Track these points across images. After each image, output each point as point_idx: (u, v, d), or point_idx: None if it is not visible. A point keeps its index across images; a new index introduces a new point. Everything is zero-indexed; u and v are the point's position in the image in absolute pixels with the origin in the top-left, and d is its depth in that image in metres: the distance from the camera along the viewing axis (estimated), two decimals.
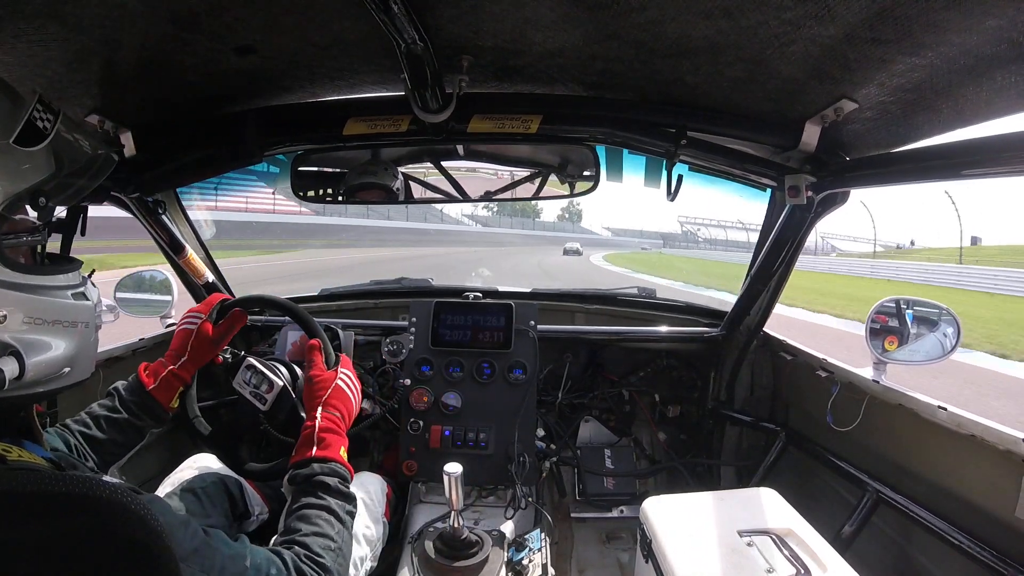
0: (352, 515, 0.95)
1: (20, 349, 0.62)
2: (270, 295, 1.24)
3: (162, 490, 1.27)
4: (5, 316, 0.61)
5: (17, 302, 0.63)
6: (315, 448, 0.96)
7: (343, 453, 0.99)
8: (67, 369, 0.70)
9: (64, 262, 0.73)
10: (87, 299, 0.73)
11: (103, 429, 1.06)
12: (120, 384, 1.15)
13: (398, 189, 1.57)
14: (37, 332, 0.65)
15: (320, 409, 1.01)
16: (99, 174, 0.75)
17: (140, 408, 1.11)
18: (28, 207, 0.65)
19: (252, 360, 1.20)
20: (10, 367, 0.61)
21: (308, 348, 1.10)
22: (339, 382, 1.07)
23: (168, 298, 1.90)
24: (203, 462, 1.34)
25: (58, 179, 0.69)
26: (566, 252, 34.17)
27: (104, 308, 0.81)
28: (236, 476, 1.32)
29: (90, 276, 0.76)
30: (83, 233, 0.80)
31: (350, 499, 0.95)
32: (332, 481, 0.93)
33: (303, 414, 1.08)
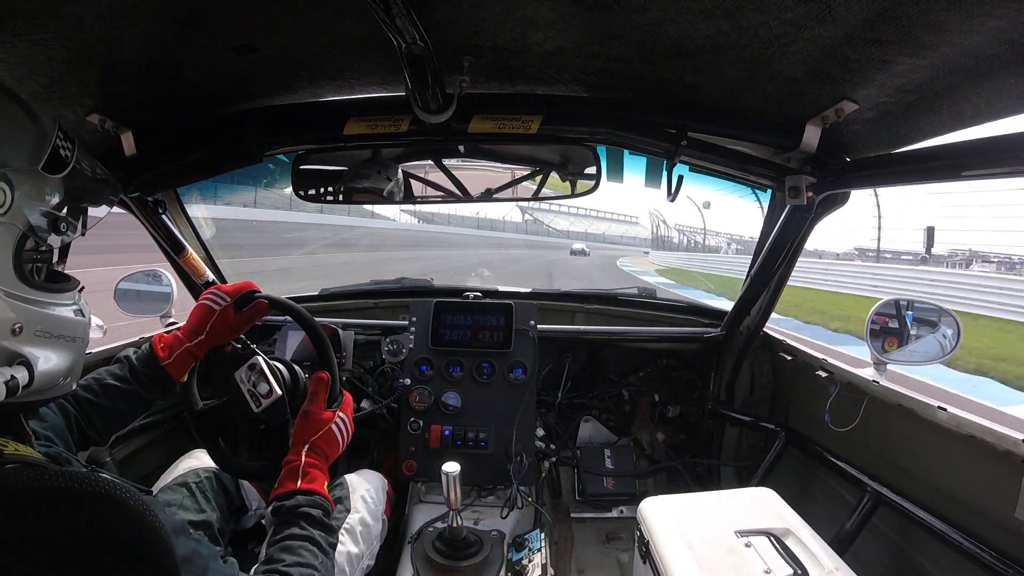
0: (334, 547, 0.96)
1: (30, 359, 0.66)
2: (301, 309, 1.22)
3: (159, 485, 1.26)
4: (21, 328, 0.65)
5: (30, 316, 0.67)
6: (300, 481, 0.97)
7: (325, 488, 1.00)
8: (64, 380, 0.74)
9: (65, 280, 0.76)
10: (83, 316, 0.77)
11: (111, 399, 1.06)
12: (131, 353, 1.14)
13: (395, 190, 1.57)
14: (44, 344, 0.69)
15: (306, 447, 1.02)
16: (108, 201, 0.81)
17: (151, 381, 1.11)
18: (51, 231, 0.70)
19: (260, 359, 1.20)
20: (22, 375, 0.64)
21: (315, 379, 1.09)
22: (333, 427, 1.06)
23: (168, 290, 1.90)
24: (198, 458, 1.34)
25: (72, 204, 0.74)
26: (573, 253, 34.47)
27: (93, 325, 0.85)
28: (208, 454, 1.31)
29: (80, 292, 0.79)
30: (83, 233, 0.81)
31: (332, 531, 0.96)
32: (316, 513, 0.93)
33: (290, 433, 1.08)
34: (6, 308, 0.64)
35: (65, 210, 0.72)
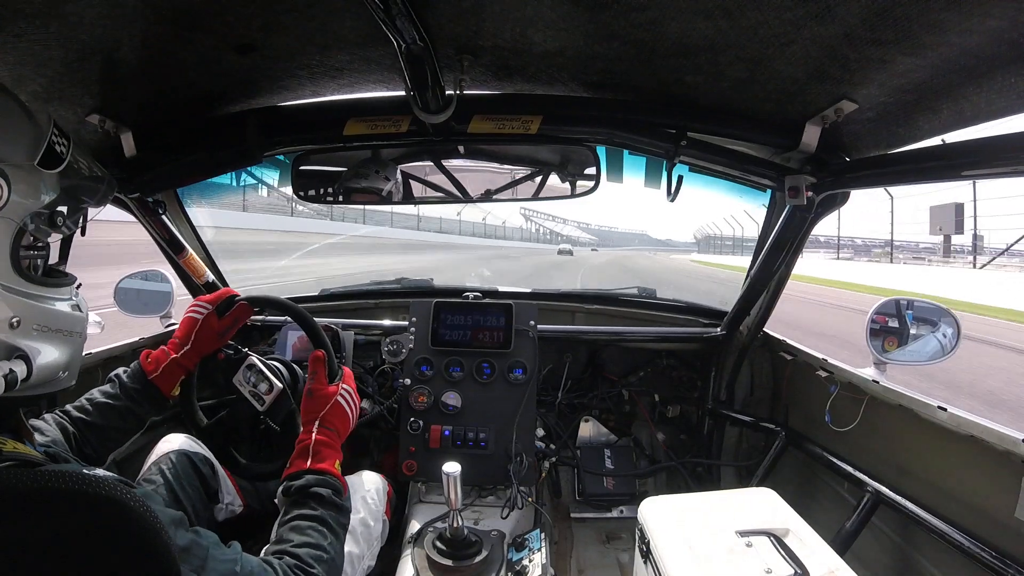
0: (345, 527, 0.95)
1: (28, 353, 0.67)
2: (280, 298, 1.24)
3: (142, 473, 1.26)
4: (19, 321, 0.66)
5: (29, 310, 0.68)
6: (310, 460, 0.97)
7: (337, 467, 1.00)
8: (63, 374, 0.75)
9: (62, 276, 0.77)
10: (81, 311, 0.78)
11: (103, 415, 1.07)
12: (121, 370, 1.15)
13: (394, 190, 1.57)
14: (43, 339, 0.69)
15: (317, 424, 1.02)
16: (104, 197, 0.82)
17: (141, 395, 1.12)
18: (47, 226, 0.71)
19: (254, 359, 1.20)
20: (20, 368, 0.65)
21: (312, 359, 1.10)
22: (339, 399, 1.07)
23: (168, 290, 1.90)
24: (170, 442, 1.31)
25: (68, 200, 0.74)
26: (560, 253, 35.69)
27: (91, 321, 0.86)
28: (206, 454, 1.30)
29: (78, 288, 0.79)
30: (83, 233, 0.82)
31: (343, 511, 0.96)
32: (325, 492, 0.93)
33: (299, 420, 1.08)
34: (5, 302, 0.64)
35: (63, 207, 0.72)
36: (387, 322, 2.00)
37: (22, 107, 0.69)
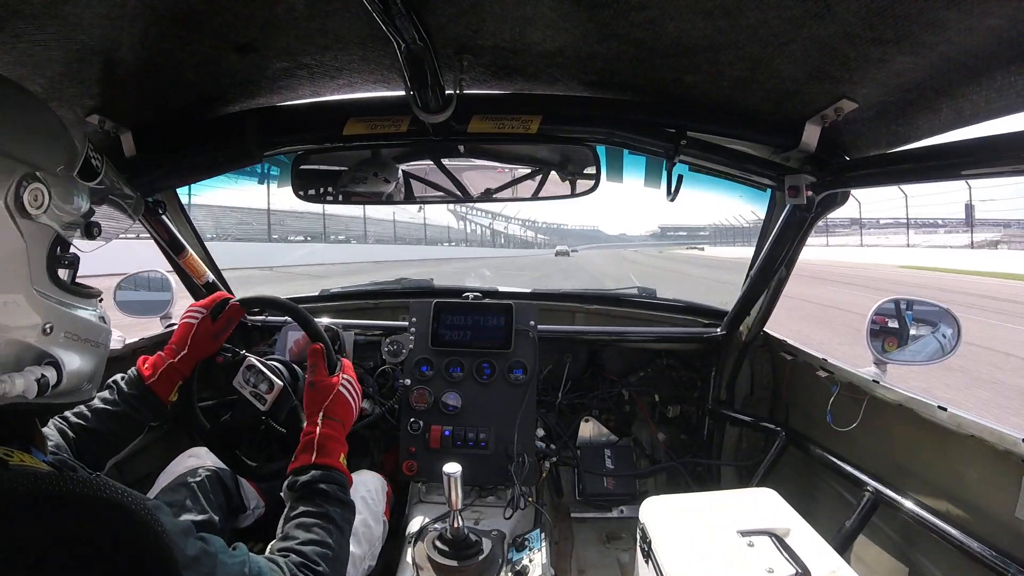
0: (350, 523, 0.95)
1: (59, 360, 0.67)
2: (273, 296, 1.24)
3: (158, 485, 1.27)
4: (52, 328, 0.67)
5: (61, 317, 0.69)
6: (315, 455, 0.97)
7: (343, 460, 1.00)
8: (87, 385, 0.76)
9: (88, 287, 0.78)
10: (106, 323, 0.79)
11: (102, 421, 1.07)
12: (119, 377, 1.16)
13: (394, 190, 1.57)
14: (72, 347, 0.70)
15: (321, 416, 1.02)
16: (134, 212, 0.86)
17: (138, 400, 1.12)
18: (82, 237, 0.73)
19: (252, 360, 1.21)
20: (51, 374, 0.65)
21: (311, 352, 1.10)
22: (341, 389, 1.07)
23: (167, 296, 1.90)
24: (198, 456, 1.35)
25: (97, 212, 0.76)
26: (558, 254, 36.33)
27: (114, 336, 0.87)
28: (231, 470, 1.33)
29: (101, 302, 0.80)
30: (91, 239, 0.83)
31: (348, 506, 0.96)
32: (331, 488, 0.93)
33: (303, 416, 1.08)
34: (39, 307, 0.65)
35: (95, 219, 0.74)
36: (387, 322, 2.00)
37: (60, 121, 0.71)
